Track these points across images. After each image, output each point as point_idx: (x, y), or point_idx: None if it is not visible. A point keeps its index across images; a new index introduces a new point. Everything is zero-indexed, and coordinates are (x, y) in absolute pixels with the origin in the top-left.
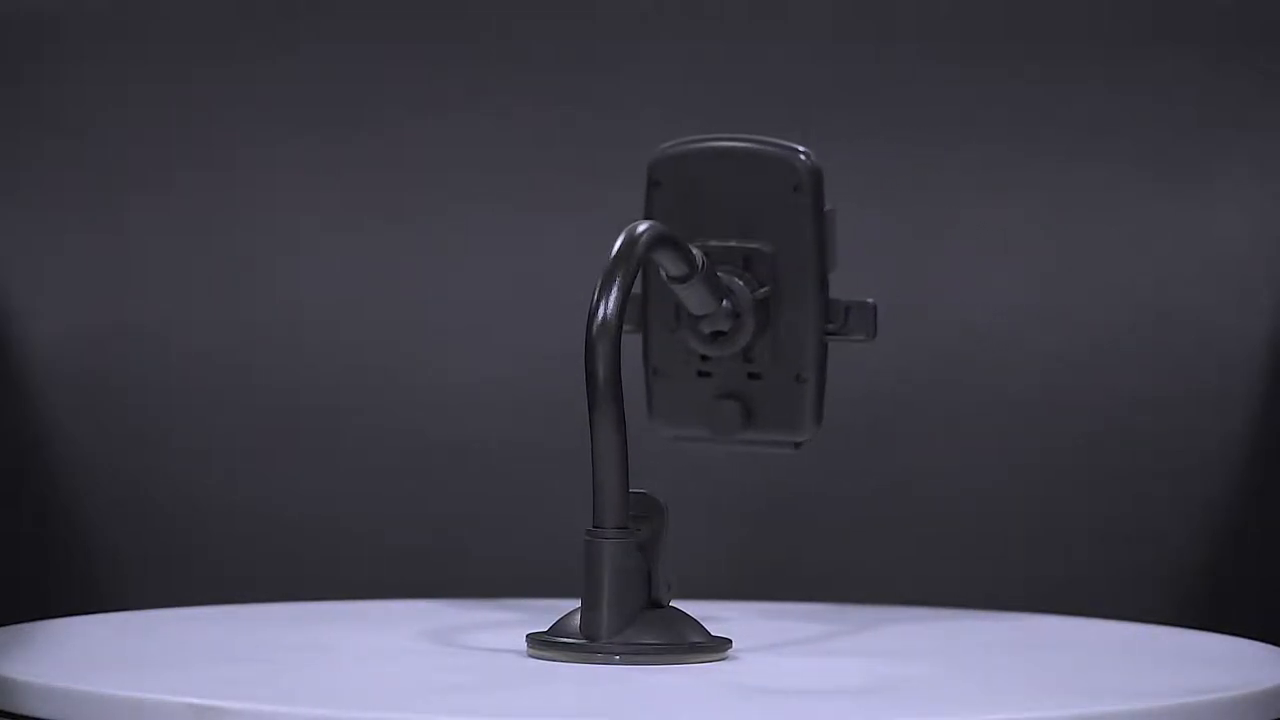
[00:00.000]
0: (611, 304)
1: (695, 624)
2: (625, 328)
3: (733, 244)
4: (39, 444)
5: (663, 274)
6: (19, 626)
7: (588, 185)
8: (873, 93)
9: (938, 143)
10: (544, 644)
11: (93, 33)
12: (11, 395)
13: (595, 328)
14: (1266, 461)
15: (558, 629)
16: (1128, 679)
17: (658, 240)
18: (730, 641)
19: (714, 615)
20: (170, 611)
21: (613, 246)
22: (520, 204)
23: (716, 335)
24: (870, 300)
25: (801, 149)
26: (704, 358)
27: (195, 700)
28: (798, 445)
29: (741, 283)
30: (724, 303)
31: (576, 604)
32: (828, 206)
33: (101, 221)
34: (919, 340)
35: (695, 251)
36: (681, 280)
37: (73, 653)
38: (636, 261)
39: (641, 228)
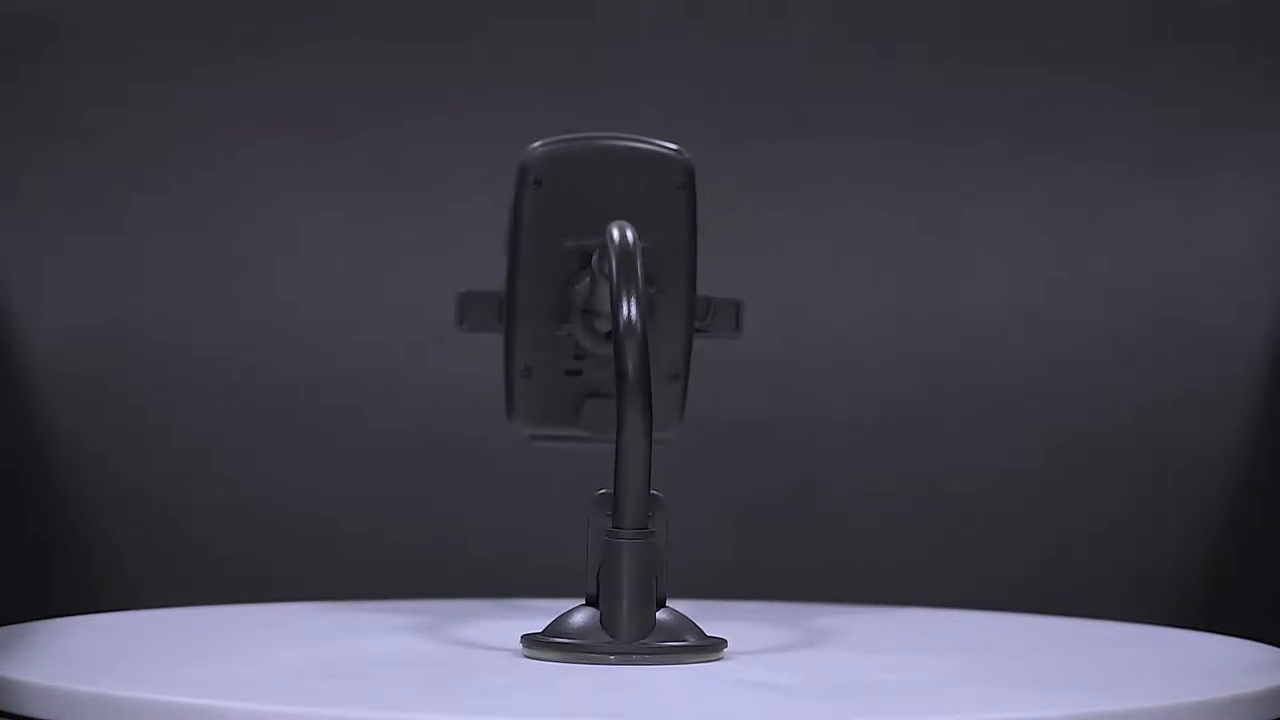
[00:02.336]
0: (634, 305)
1: (691, 624)
2: (466, 326)
3: None
4: (39, 444)
5: (597, 270)
6: (19, 626)
7: None
8: (873, 92)
9: (938, 142)
10: (540, 644)
11: (93, 33)
12: (11, 395)
13: (621, 328)
14: (1267, 461)
15: (554, 629)
16: (1127, 679)
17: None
18: (726, 641)
19: (709, 614)
20: (170, 611)
21: (611, 249)
22: None
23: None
24: (737, 297)
25: (674, 146)
26: (577, 357)
27: (195, 700)
28: (661, 443)
29: None
30: None
31: (574, 604)
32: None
33: (101, 221)
34: (918, 340)
35: None
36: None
37: (73, 653)
38: (638, 260)
39: (630, 229)
